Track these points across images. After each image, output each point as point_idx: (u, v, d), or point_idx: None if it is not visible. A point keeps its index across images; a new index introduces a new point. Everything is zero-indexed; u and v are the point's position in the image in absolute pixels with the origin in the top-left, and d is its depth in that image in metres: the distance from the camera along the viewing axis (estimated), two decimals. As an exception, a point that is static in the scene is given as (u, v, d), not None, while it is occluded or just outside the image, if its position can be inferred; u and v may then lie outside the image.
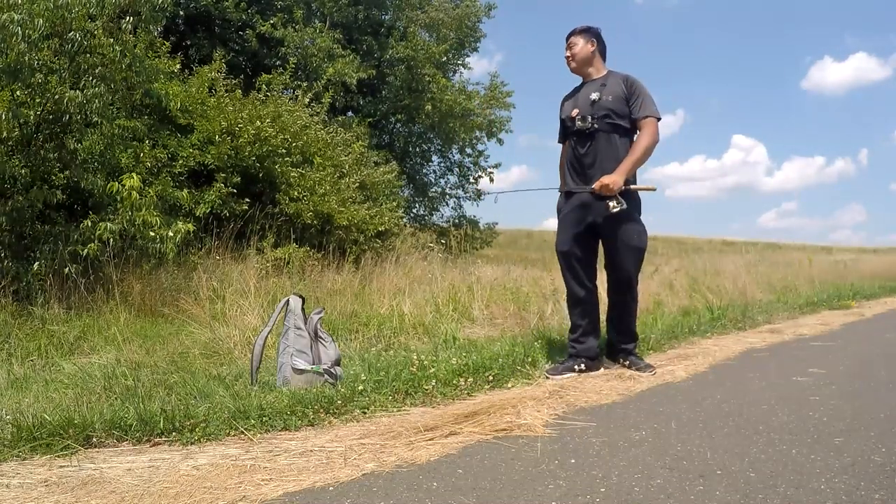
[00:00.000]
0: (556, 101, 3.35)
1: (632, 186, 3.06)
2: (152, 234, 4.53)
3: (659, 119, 3.06)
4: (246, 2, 10.63)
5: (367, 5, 12.22)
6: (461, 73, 14.44)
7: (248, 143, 6.52)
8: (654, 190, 3.13)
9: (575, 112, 3.11)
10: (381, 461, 1.81)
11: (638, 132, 3.09)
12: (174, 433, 2.00)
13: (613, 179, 2.92)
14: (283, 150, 6.83)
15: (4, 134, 4.35)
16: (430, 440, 2.02)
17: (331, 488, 1.63)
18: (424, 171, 14.23)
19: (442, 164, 14.41)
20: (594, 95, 3.08)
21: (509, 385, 2.81)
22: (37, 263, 4.21)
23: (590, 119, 3.05)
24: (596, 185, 2.95)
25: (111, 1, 4.35)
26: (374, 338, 3.72)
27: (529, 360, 3.15)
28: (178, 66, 7.01)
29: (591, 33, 3.18)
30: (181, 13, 10.45)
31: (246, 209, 6.31)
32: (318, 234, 6.75)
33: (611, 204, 2.93)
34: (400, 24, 12.55)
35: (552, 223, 3.58)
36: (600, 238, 3.14)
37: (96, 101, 4.37)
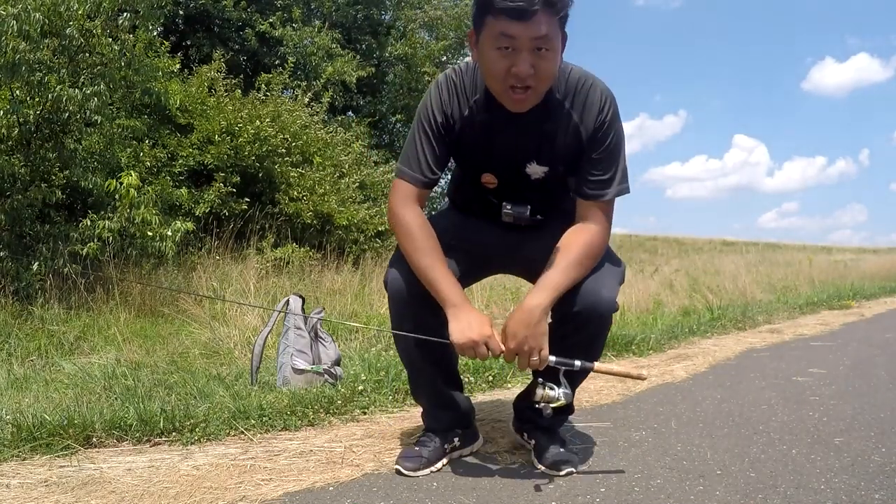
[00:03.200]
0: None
1: (616, 369, 1.68)
2: (151, 233, 4.53)
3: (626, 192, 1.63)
4: (245, 0, 10.62)
5: (366, 5, 12.21)
6: (461, 72, 14.38)
7: (247, 143, 6.52)
8: (644, 379, 1.77)
9: (491, 179, 1.72)
10: (381, 461, 1.81)
11: (577, 222, 1.63)
12: (174, 433, 2.00)
13: (534, 339, 1.49)
14: (283, 150, 6.83)
15: (4, 133, 4.35)
16: (430, 440, 2.01)
17: (331, 488, 1.63)
18: (424, 170, 14.21)
19: (441, 164, 14.39)
20: (537, 170, 1.66)
21: (509, 385, 2.81)
22: (36, 263, 4.21)
23: (527, 212, 1.71)
24: (511, 345, 1.51)
25: None
26: (374, 338, 3.71)
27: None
28: (177, 65, 7.01)
29: (565, 13, 1.45)
30: (180, 13, 10.44)
31: (246, 209, 6.31)
32: (317, 234, 6.76)
33: (542, 394, 1.55)
34: (399, 23, 12.54)
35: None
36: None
37: (95, 99, 4.37)
